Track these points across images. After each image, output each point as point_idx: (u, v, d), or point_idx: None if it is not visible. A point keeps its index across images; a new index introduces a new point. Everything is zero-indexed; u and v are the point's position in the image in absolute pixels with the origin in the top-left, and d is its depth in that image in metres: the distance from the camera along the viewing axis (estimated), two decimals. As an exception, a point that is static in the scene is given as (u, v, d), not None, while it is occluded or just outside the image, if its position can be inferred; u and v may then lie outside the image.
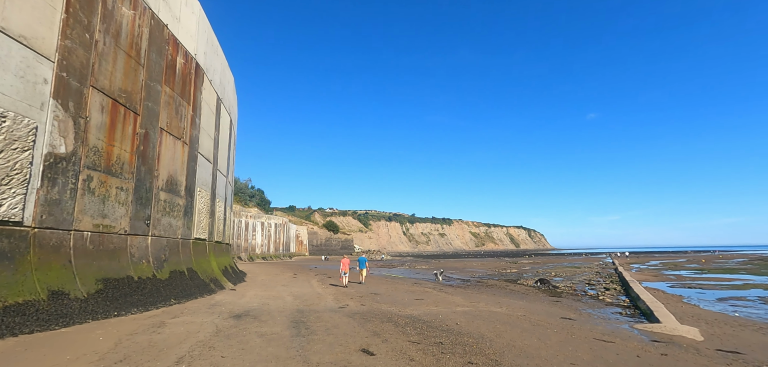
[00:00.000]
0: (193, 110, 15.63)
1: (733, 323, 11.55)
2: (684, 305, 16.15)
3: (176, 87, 14.10)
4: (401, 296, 15.77)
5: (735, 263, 55.17)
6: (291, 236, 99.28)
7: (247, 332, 7.75)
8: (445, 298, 15.05)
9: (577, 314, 12.96)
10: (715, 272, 37.67)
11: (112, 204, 10.44)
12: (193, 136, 15.51)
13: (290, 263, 53.41)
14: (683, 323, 10.83)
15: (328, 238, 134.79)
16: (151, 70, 12.41)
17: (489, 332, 8.63)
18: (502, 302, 15.04)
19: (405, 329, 8.61)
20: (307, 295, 15.44)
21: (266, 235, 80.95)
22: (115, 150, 10.61)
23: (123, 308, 9.41)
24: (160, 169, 12.89)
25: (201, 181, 16.60)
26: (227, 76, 21.35)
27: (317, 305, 12.38)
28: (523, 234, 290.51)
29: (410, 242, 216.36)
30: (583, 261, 65.07)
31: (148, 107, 12.27)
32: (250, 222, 75.48)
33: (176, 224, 14.05)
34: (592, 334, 9.06)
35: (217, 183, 19.50)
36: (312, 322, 9.19)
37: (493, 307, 12.97)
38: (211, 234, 18.31)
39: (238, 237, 68.79)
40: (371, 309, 11.70)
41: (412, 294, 16.38)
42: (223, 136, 20.55)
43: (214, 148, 18.79)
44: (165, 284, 12.12)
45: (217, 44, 18.96)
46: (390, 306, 12.49)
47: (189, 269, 14.43)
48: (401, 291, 17.74)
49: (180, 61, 14.44)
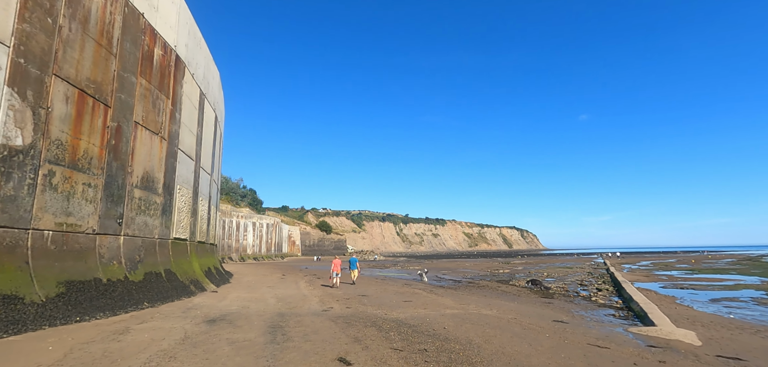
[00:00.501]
0: (173, 105, 14.96)
1: (730, 326, 11.22)
2: (677, 306, 15.86)
3: (153, 79, 13.43)
4: (390, 297, 15.25)
5: (724, 263, 55.57)
6: (283, 236, 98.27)
7: (217, 340, 7.16)
8: (435, 300, 14.57)
9: (570, 317, 12.56)
10: (705, 272, 37.74)
11: (78, 201, 9.77)
12: (172, 132, 14.84)
13: (281, 264, 52.63)
14: (679, 325, 10.46)
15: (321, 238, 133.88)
16: (124, 61, 11.75)
17: (477, 337, 8.15)
18: (493, 303, 14.59)
19: (389, 334, 8.09)
20: (291, 297, 14.85)
21: (258, 235, 79.96)
22: (81, 144, 9.94)
23: (87, 313, 8.76)
24: (134, 166, 12.22)
25: (182, 179, 15.92)
26: (212, 71, 20.66)
27: (300, 308, 11.81)
28: (515, 235, 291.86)
29: (404, 243, 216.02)
30: (575, 261, 65.18)
31: (121, 99, 11.59)
32: (241, 222, 74.45)
33: (153, 223, 13.38)
34: (586, 339, 8.62)
35: (201, 181, 18.81)
36: (291, 327, 8.63)
37: (483, 309, 12.52)
38: (193, 234, 17.62)
39: (229, 237, 67.77)
40: (356, 312, 11.17)
41: (401, 296, 15.87)
42: (207, 132, 19.86)
43: (197, 145, 18.10)
44: (138, 286, 11.46)
45: (200, 37, 18.28)
46: (376, 309, 11.97)
47: (167, 270, 13.76)
48: (390, 293, 17.23)
49: (158, 52, 13.77)
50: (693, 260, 67.82)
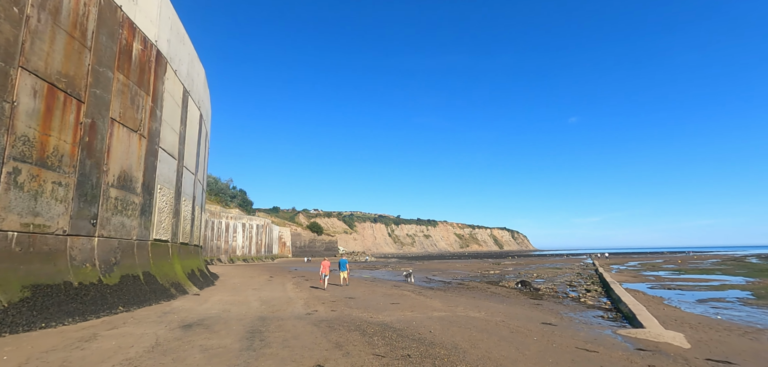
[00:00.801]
0: (154, 101, 14.47)
1: (718, 327, 11.17)
2: (665, 307, 15.85)
3: (132, 75, 12.94)
4: (377, 300, 14.96)
5: (709, 263, 56.45)
6: (274, 237, 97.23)
7: (189, 347, 6.79)
8: (423, 302, 14.32)
9: (559, 319, 12.40)
10: (691, 273, 38.20)
11: (46, 201, 9.28)
12: (152, 130, 14.35)
13: (271, 265, 51.98)
14: (667, 327, 10.36)
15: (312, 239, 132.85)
16: (100, 55, 11.27)
17: (464, 341, 7.90)
18: (482, 305, 14.39)
19: (372, 339, 7.80)
20: (276, 299, 14.46)
21: (247, 236, 78.93)
22: (51, 140, 9.45)
23: (54, 319, 8.30)
24: (110, 164, 11.73)
25: (163, 178, 15.42)
26: (196, 68, 20.15)
27: (283, 312, 11.45)
28: (506, 235, 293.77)
29: (395, 244, 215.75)
30: (565, 262, 65.63)
31: (96, 95, 11.11)
32: (230, 223, 73.40)
33: (131, 224, 12.88)
34: (574, 342, 8.44)
35: (184, 181, 18.29)
36: (271, 332, 8.28)
37: (471, 311, 12.29)
38: (176, 235, 17.11)
39: (218, 239, 66.74)
40: (341, 315, 10.85)
41: (389, 298, 15.59)
42: (191, 131, 19.36)
43: (180, 144, 17.60)
44: (113, 290, 10.98)
45: (183, 33, 17.79)
46: (362, 312, 11.67)
47: (146, 273, 13.26)
48: (378, 295, 16.93)
49: (137, 47, 13.29)
50: (679, 260, 68.80)
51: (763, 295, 19.61)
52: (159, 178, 15.02)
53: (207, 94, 24.07)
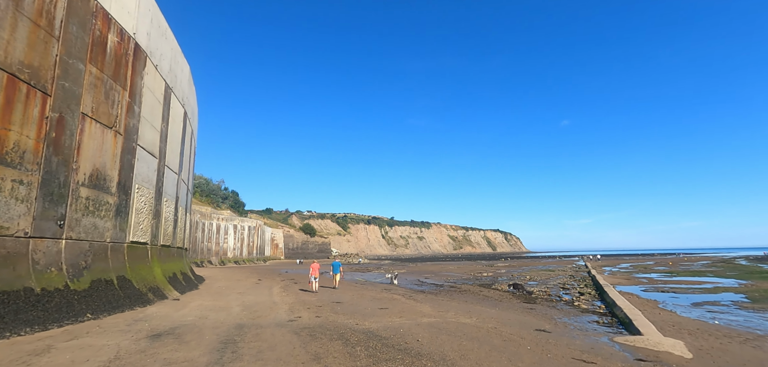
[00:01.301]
0: (131, 97, 13.78)
1: (717, 334, 10.80)
2: (661, 311, 15.51)
3: (107, 68, 12.26)
4: (366, 304, 14.40)
5: (700, 265, 56.72)
6: (266, 239, 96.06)
7: (152, 361, 6.18)
8: (413, 307, 13.79)
9: (553, 325, 11.95)
10: (683, 275, 38.19)
11: (5, 200, 8.59)
12: (129, 126, 13.65)
13: (262, 268, 51.13)
14: (666, 334, 9.95)
15: (305, 241, 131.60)
16: (69, 46, 10.59)
17: (453, 351, 7.38)
18: (474, 310, 13.90)
19: (355, 349, 7.24)
20: (260, 304, 13.84)
21: (239, 238, 77.77)
22: (11, 135, 8.77)
23: (9, 328, 7.62)
24: (80, 162, 11.04)
25: (141, 178, 14.72)
26: (180, 64, 19.45)
27: (265, 318, 10.84)
28: (499, 237, 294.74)
29: (389, 246, 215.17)
30: (557, 264, 65.60)
31: (65, 88, 10.43)
32: (222, 225, 72.21)
33: (104, 226, 12.18)
34: (570, 351, 7.97)
35: (166, 181, 17.58)
36: (246, 342, 7.69)
37: (462, 317, 11.79)
38: (156, 237, 16.39)
39: (209, 241, 65.56)
40: (326, 322, 10.29)
41: (378, 302, 15.04)
42: (174, 129, 18.65)
43: (161, 142, 16.89)
44: (82, 296, 10.29)
45: (165, 27, 17.10)
46: (348, 318, 11.10)
47: (120, 277, 12.56)
48: (367, 299, 16.38)
49: (113, 39, 12.61)
50: (670, 262, 69.13)
51: (757, 298, 19.41)
52: (137, 178, 14.32)
53: (192, 91, 23.34)
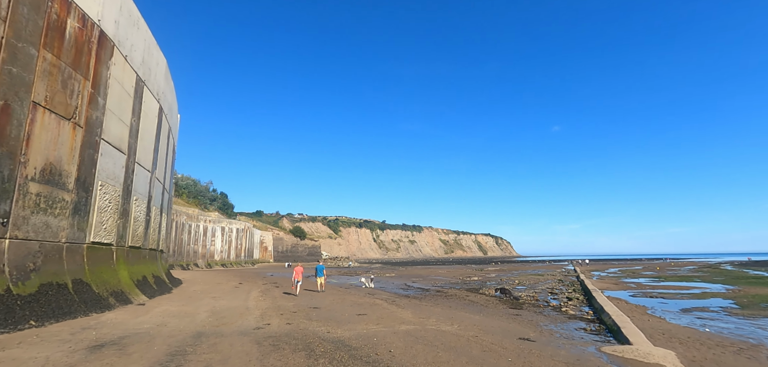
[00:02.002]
0: (94, 88, 12.91)
1: (709, 342, 10.31)
2: (650, 317, 15.04)
3: (65, 55, 11.40)
4: (344, 310, 13.67)
5: (687, 270, 57.02)
6: (255, 241, 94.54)
7: (77, 377, 5.39)
8: (393, 313, 13.10)
9: (538, 333, 11.35)
10: (671, 280, 38.12)
11: (-68, 194, 7.71)
12: (92, 119, 12.78)
13: (248, 271, 49.99)
14: (656, 343, 9.43)
15: (295, 244, 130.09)
16: (18, 28, 9.75)
17: (426, 364, 6.71)
18: (456, 317, 13.26)
19: (317, 362, 6.53)
20: (231, 310, 13.03)
21: (227, 240, 76.38)
22: (-59, 122, 7.90)
23: (-73, 338, 6.75)
24: (30, 154, 10.16)
25: (106, 174, 13.82)
26: (154, 57, 18.57)
27: (230, 325, 10.06)
28: (490, 242, 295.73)
29: (380, 249, 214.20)
30: (547, 268, 65.49)
31: (12, 73, 9.58)
32: (209, 227, 70.89)
33: (59, 224, 11.27)
34: (554, 363, 7.35)
35: (136, 178, 16.67)
36: (198, 353, 6.92)
37: (443, 324, 11.13)
38: (123, 238, 15.46)
39: (195, 243, 64.24)
40: (295, 330, 9.54)
41: (358, 308, 14.31)
42: (147, 125, 17.75)
43: (131, 138, 15.99)
44: (26, 301, 9.39)
45: (137, 16, 16.25)
46: (321, 325, 10.37)
47: (77, 280, 11.66)
48: (347, 303, 15.64)
49: (73, 24, 11.76)
50: (658, 267, 69.56)
51: (745, 304, 19.13)
52: (100, 174, 13.42)
53: (170, 87, 22.42)
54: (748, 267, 63.78)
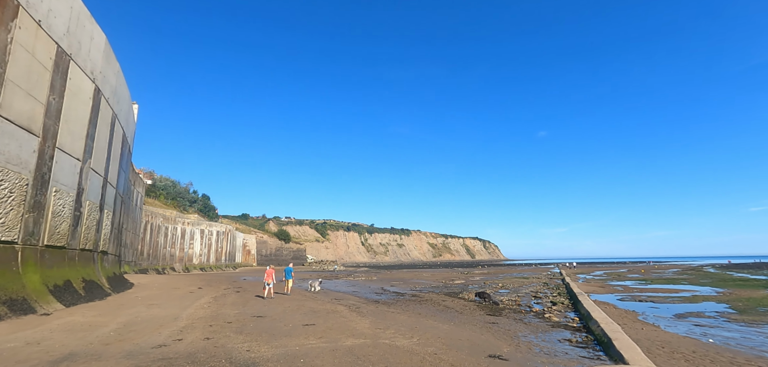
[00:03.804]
0: (-14, 51, 10.66)
1: (719, 359, 8.58)
2: (643, 325, 13.36)
3: (-66, 5, 9.16)
4: (293, 318, 11.62)
5: (671, 273, 56.41)
6: (237, 245, 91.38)
7: None
8: (347, 323, 11.09)
9: (513, 347, 9.48)
10: (658, 283, 36.98)
11: None
12: (-19, 89, 10.51)
13: (223, 275, 47.32)
14: (656, 359, 7.66)
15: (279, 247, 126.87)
16: None
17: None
18: (421, 326, 11.32)
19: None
20: (152, 320, 10.87)
21: (206, 244, 73.34)
22: None
23: None
24: None
25: (6, 158, 11.54)
26: (86, 30, 16.26)
27: (130, 341, 7.94)
28: (478, 245, 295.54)
29: (368, 253, 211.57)
30: (533, 272, 64.27)
31: None
32: (187, 229, 67.92)
33: None
34: (528, 394, 5.46)
35: (58, 167, 14.35)
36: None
37: (400, 338, 9.18)
38: (34, 235, 13.13)
39: (172, 246, 61.30)
40: (208, 347, 7.49)
41: (311, 316, 12.26)
42: (74, 105, 15.42)
43: (49, 118, 13.69)
44: None
45: (59, -22, 13.99)
46: (247, 340, 8.32)
47: (-52, 285, 9.36)
48: (303, 311, 13.56)
49: (-50, -30, 9.53)
50: (642, 269, 69.12)
51: (742, 308, 17.69)
52: (-4, 157, 11.14)
53: (113, 68, 20.03)
54: (730, 269, 64.03)
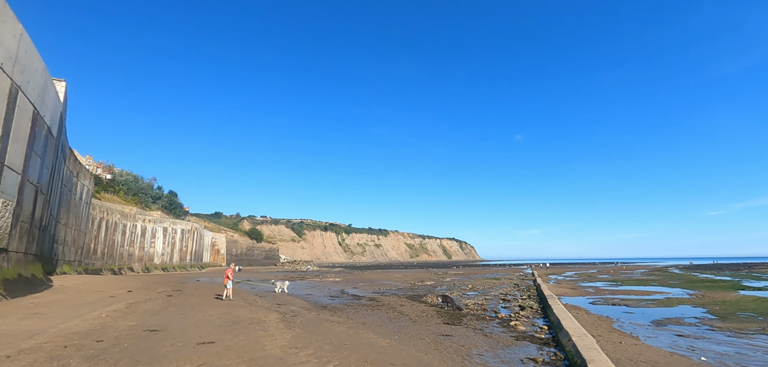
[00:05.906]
0: None
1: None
2: (620, 335, 11.63)
3: None
4: (196, 332, 9.16)
5: (639, 274, 56.85)
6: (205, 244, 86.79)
7: None
8: (258, 341, 8.73)
9: (465, 370, 7.40)
10: (628, 284, 36.35)
11: None
12: None
13: (177, 276, 43.71)
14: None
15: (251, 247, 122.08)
16: None
17: None
18: (354, 343, 9.07)
19: None
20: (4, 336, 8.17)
21: (170, 242, 68.87)
22: None
23: None
24: None
25: None
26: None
27: None
28: (455, 246, 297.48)
29: (346, 253, 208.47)
30: (505, 272, 63.53)
31: None
32: (148, 227, 63.43)
33: None
34: None
35: None
36: None
37: (312, 364, 6.92)
38: None
39: (131, 245, 56.90)
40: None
41: (225, 329, 9.82)
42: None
43: None
44: None
45: None
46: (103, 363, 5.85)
47: None
48: (222, 321, 11.09)
49: None
50: (612, 270, 69.97)
51: (721, 313, 16.43)
52: None
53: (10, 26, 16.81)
54: (693, 270, 66.30)
